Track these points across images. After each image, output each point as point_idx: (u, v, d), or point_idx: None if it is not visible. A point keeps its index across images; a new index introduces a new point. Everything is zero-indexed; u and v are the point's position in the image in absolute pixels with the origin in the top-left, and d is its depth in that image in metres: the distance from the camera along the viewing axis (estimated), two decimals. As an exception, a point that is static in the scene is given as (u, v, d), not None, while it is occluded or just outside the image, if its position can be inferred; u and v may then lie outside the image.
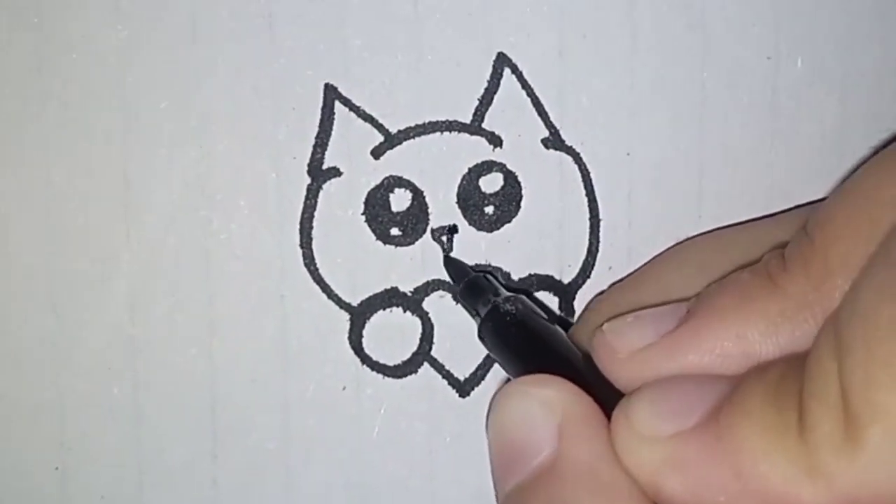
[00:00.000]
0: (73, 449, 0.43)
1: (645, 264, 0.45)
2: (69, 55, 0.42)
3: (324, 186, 0.44)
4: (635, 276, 0.44)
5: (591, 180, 0.45)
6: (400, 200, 0.44)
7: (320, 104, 0.43)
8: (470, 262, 0.45)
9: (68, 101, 0.42)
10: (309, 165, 0.44)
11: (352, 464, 0.45)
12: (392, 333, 0.45)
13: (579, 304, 0.46)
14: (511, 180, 0.45)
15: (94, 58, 0.42)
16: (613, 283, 0.46)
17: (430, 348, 0.45)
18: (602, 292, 0.45)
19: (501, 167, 0.45)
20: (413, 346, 0.45)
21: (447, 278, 0.45)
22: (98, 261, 0.43)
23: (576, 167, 0.45)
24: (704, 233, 0.46)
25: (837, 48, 0.46)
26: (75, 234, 0.42)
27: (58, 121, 0.42)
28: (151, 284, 0.43)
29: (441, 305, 0.45)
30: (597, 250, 0.46)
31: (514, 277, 0.45)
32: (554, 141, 0.45)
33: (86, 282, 0.43)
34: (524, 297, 0.42)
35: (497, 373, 0.46)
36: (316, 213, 0.44)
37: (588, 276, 0.46)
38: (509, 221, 0.45)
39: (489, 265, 0.45)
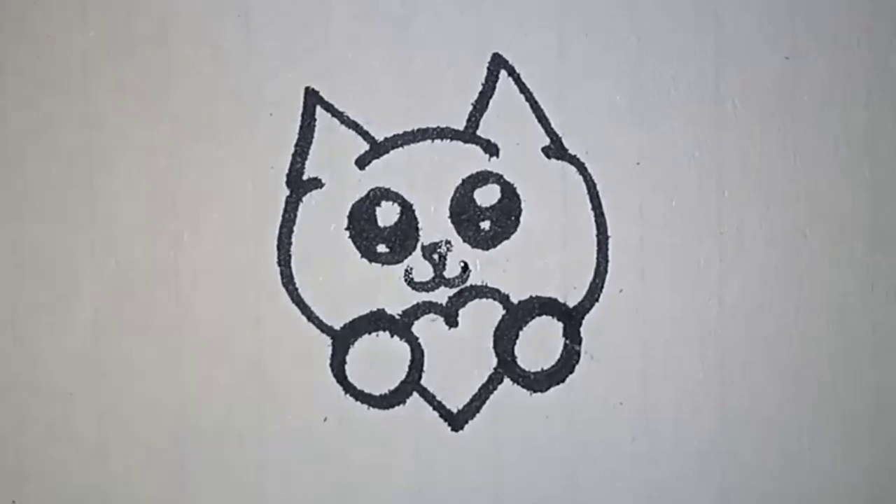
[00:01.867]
0: (32, 480, 0.42)
1: None
2: (32, 57, 0.41)
3: (304, 199, 0.42)
4: None
5: (597, 192, 0.43)
6: (387, 214, 0.42)
7: (300, 109, 0.42)
8: (464, 283, 0.42)
9: (31, 106, 0.41)
10: (288, 176, 0.42)
11: (333, 500, 0.42)
12: (378, 360, 0.43)
13: (586, 330, 0.43)
14: (509, 193, 0.43)
15: (59, 60, 0.41)
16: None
17: (420, 377, 0.43)
18: None
19: (498, 178, 0.43)
20: (401, 373, 0.43)
21: (438, 300, 0.42)
22: (60, 277, 0.42)
23: (580, 178, 0.43)
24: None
25: (861, 46, 0.43)
26: (36, 249, 0.42)
27: (19, 126, 0.41)
28: (117, 304, 0.42)
29: (432, 330, 0.43)
30: (605, 270, 0.43)
31: (514, 300, 0.43)
32: (555, 149, 0.43)
33: (47, 300, 0.42)
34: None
35: (493, 406, 0.43)
36: (295, 228, 0.42)
37: (596, 300, 0.43)
38: (507, 238, 0.43)
39: (485, 286, 0.42)
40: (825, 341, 0.44)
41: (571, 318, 0.44)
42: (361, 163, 0.43)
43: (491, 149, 0.43)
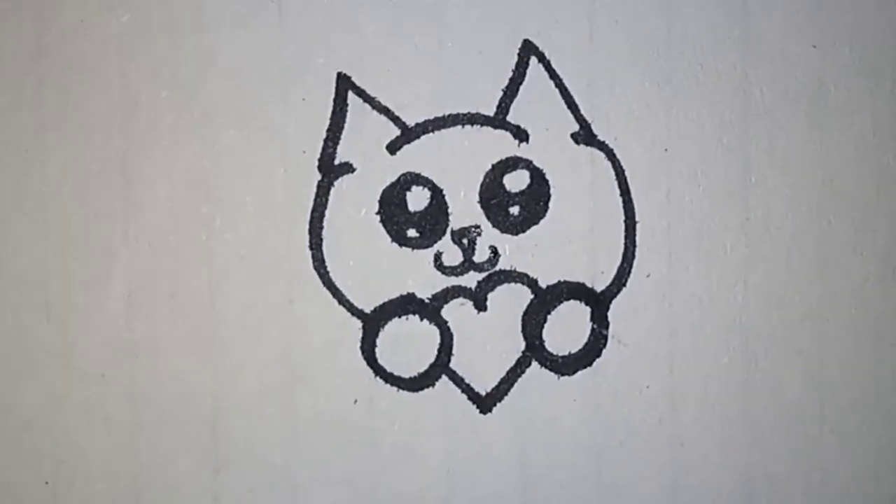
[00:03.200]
0: (66, 462, 0.43)
1: None
2: (68, 41, 0.42)
3: (335, 183, 0.43)
4: None
5: (625, 178, 0.44)
6: (417, 199, 0.44)
7: (332, 94, 0.43)
8: (493, 267, 0.43)
9: (66, 90, 0.43)
10: (320, 160, 0.43)
11: (362, 483, 0.44)
12: (408, 343, 0.44)
13: (614, 314, 0.44)
14: (538, 178, 0.44)
15: (94, 44, 0.43)
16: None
17: (449, 360, 0.44)
18: None
19: (528, 164, 0.44)
20: (430, 356, 0.44)
21: (468, 284, 0.43)
22: (94, 260, 0.43)
23: (609, 164, 0.44)
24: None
25: (888, 35, 0.44)
26: (70, 232, 0.43)
27: (54, 110, 0.43)
28: (150, 286, 0.43)
29: (461, 313, 0.44)
30: (633, 255, 0.44)
31: (542, 285, 0.44)
32: (585, 135, 0.44)
33: (81, 283, 0.43)
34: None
35: (521, 389, 0.44)
36: (327, 212, 0.43)
37: (623, 284, 0.45)
38: (536, 223, 0.44)
39: (514, 270, 0.43)
40: (848, 326, 0.45)
41: (599, 303, 0.45)
42: (392, 148, 0.44)
43: (521, 134, 0.44)
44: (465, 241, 0.45)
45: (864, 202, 0.45)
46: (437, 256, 0.45)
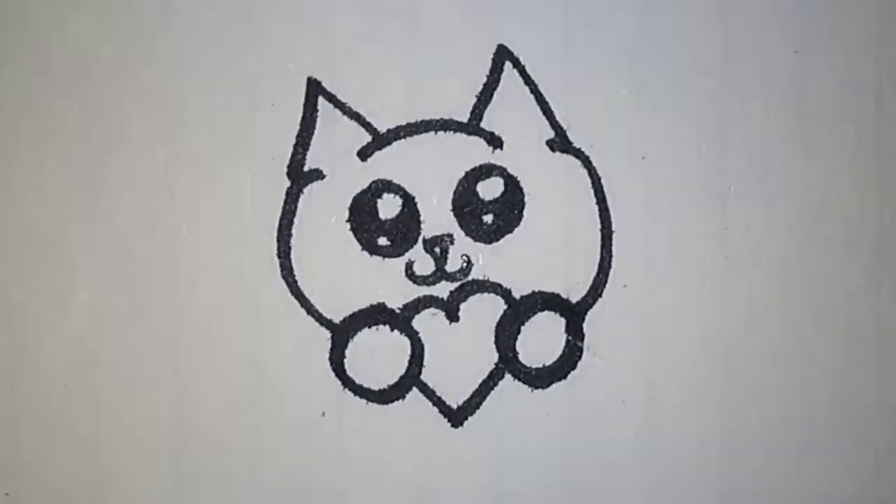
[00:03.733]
0: (25, 473, 0.43)
1: None
2: (34, 45, 0.41)
3: (305, 190, 0.43)
4: None
5: (602, 186, 0.44)
6: (389, 207, 0.43)
7: (302, 100, 0.43)
8: (465, 277, 0.43)
9: (31, 94, 0.42)
10: (289, 167, 0.43)
11: (329, 497, 0.44)
12: (377, 354, 0.44)
13: (589, 326, 0.44)
14: (512, 186, 0.43)
15: (60, 48, 0.42)
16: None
17: (420, 372, 0.43)
18: None
19: (502, 171, 0.43)
20: (401, 368, 0.44)
21: (440, 294, 0.43)
22: (58, 268, 0.43)
23: (585, 172, 0.43)
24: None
25: (872, 41, 0.44)
26: (34, 238, 0.42)
27: (19, 114, 0.42)
28: (115, 295, 0.43)
29: (433, 324, 0.44)
30: (609, 265, 0.44)
31: (516, 295, 0.44)
32: (560, 142, 0.43)
33: (44, 290, 0.43)
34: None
35: (494, 402, 0.44)
36: (296, 220, 0.43)
37: (599, 295, 0.44)
38: (510, 232, 0.44)
39: (487, 280, 0.43)
40: (829, 341, 0.45)
41: (574, 314, 0.44)
42: (363, 154, 0.43)
43: (495, 141, 0.44)
44: (437, 249, 0.44)
45: (847, 213, 0.45)
46: (409, 265, 0.44)
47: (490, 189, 0.44)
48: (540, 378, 0.45)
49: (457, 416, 0.45)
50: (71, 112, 0.42)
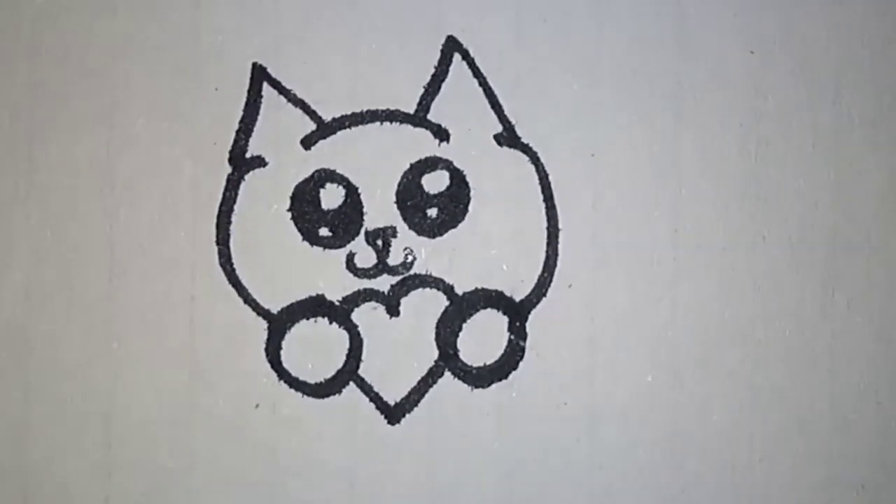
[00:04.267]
0: (-48, 455, 0.42)
1: None
2: (-24, 21, 0.41)
3: (246, 177, 0.43)
4: None
5: (549, 183, 0.43)
6: (331, 197, 0.43)
7: (246, 85, 0.42)
8: (407, 271, 0.42)
9: None
10: (230, 153, 0.43)
11: (261, 491, 0.43)
12: (315, 347, 0.43)
13: (532, 326, 0.43)
14: (458, 180, 0.43)
15: (6, 26, 0.42)
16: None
17: (358, 366, 0.43)
18: None
19: (447, 164, 0.43)
20: (338, 362, 0.43)
21: (380, 287, 0.42)
22: (-8, 247, 0.41)
23: (532, 168, 0.43)
24: None
25: (830, 41, 0.43)
26: (-32, 216, 0.41)
27: None
28: (49, 276, 0.42)
29: (372, 318, 0.43)
30: (554, 264, 0.43)
31: (458, 291, 0.43)
32: (508, 137, 0.43)
33: (-23, 269, 0.41)
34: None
35: (432, 400, 0.43)
36: (236, 207, 0.43)
37: (544, 294, 0.43)
38: (455, 227, 0.43)
39: (430, 275, 0.42)
40: (781, 348, 0.43)
41: (517, 313, 0.43)
42: (307, 143, 0.43)
43: (441, 134, 0.43)
44: (379, 242, 0.44)
45: (801, 217, 0.44)
46: (350, 257, 0.43)
47: (435, 182, 0.44)
48: (480, 377, 0.44)
49: (394, 413, 0.44)
50: (12, 91, 0.42)
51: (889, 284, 0.44)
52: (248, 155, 0.43)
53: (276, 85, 0.43)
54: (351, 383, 0.44)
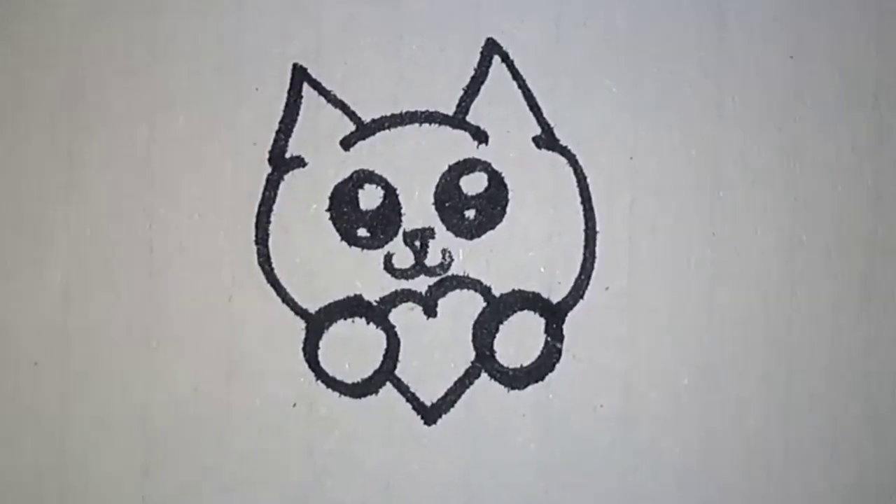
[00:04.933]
0: (-9, 451, 0.42)
1: None
2: (21, 20, 0.42)
3: (285, 177, 0.43)
4: None
5: (587, 186, 0.43)
6: (370, 198, 0.43)
7: (287, 86, 0.43)
8: (445, 272, 0.42)
9: (16, 70, 0.43)
10: (270, 153, 0.43)
11: (297, 490, 0.43)
12: (352, 347, 0.44)
13: (569, 327, 0.43)
14: (496, 182, 0.43)
15: (47, 24, 0.43)
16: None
17: (395, 367, 0.43)
18: None
19: (486, 166, 0.43)
20: (375, 362, 0.43)
21: (418, 288, 0.42)
22: (33, 244, 0.43)
23: (570, 170, 0.43)
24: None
25: (869, 48, 0.43)
26: (9, 216, 0.43)
27: (3, 89, 0.42)
28: (89, 274, 0.43)
29: (410, 319, 0.43)
30: (592, 266, 0.43)
31: (496, 293, 0.43)
32: (546, 139, 0.43)
33: (18, 267, 0.43)
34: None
35: (469, 401, 0.43)
36: (275, 207, 0.43)
37: (581, 297, 0.43)
38: (492, 228, 0.43)
39: (467, 276, 0.42)
40: (816, 352, 0.44)
41: (554, 315, 0.44)
42: (346, 143, 0.43)
43: (480, 136, 0.43)
44: (417, 243, 0.44)
45: (838, 222, 0.44)
46: (388, 258, 0.44)
47: (473, 184, 0.44)
48: (517, 378, 0.44)
49: (430, 414, 0.44)
50: (54, 90, 0.43)
51: (924, 290, 0.45)
52: (287, 155, 0.44)
53: (316, 86, 0.44)
54: (388, 384, 0.44)
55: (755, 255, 0.44)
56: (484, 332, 0.44)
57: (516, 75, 0.44)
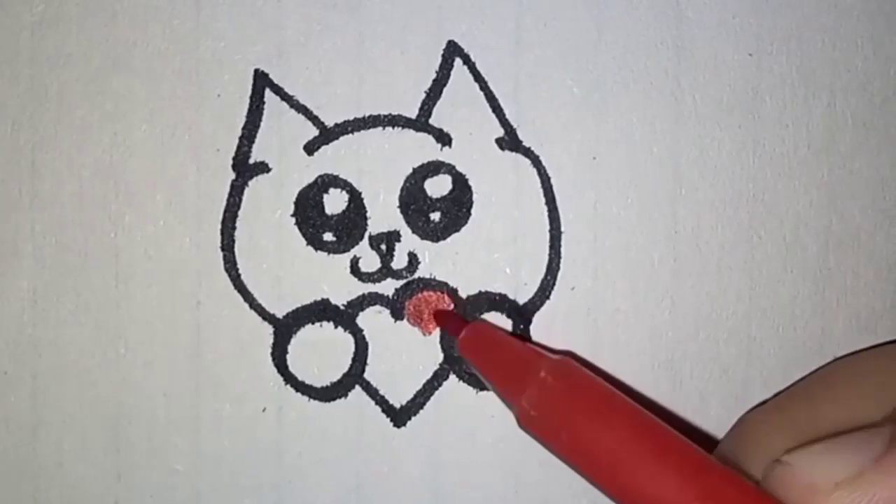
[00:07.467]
0: (-39, 462, 0.43)
1: (805, 379, 0.44)
2: (-23, 30, 0.42)
3: (250, 183, 0.44)
4: (799, 394, 0.43)
5: (551, 186, 0.45)
6: (335, 202, 0.44)
7: (249, 92, 0.44)
8: (411, 275, 0.44)
9: None
10: (234, 159, 0.44)
11: (268, 494, 0.45)
12: (321, 351, 0.45)
13: (536, 328, 0.44)
14: (460, 184, 0.44)
15: (5, 33, 0.43)
16: (766, 401, 0.44)
17: (363, 370, 0.44)
18: (754, 408, 0.44)
19: (450, 169, 0.44)
20: (344, 366, 0.45)
21: (385, 291, 0.44)
22: (-2, 255, 0.43)
23: (534, 171, 0.44)
24: (876, 345, 0.45)
25: (826, 45, 0.44)
26: (-27, 225, 0.42)
27: None
28: (56, 283, 0.44)
29: (377, 322, 0.45)
30: (557, 267, 0.45)
31: (462, 295, 0.45)
32: (510, 141, 0.44)
33: (-17, 278, 0.43)
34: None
35: (438, 402, 0.45)
36: (240, 213, 0.44)
37: (547, 297, 0.45)
38: (458, 230, 0.45)
39: (433, 279, 0.44)
40: (776, 346, 0.46)
41: (521, 316, 0.45)
42: (310, 148, 0.44)
43: (443, 138, 0.45)
44: (383, 246, 0.45)
45: (795, 218, 0.46)
46: (354, 262, 0.45)
47: (438, 187, 0.46)
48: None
49: (399, 416, 0.46)
50: (14, 98, 0.44)
51: (877, 281, 0.46)
52: (251, 161, 0.45)
53: (278, 91, 0.45)
54: (357, 387, 0.46)
55: (716, 251, 0.46)
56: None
57: (478, 77, 0.45)
